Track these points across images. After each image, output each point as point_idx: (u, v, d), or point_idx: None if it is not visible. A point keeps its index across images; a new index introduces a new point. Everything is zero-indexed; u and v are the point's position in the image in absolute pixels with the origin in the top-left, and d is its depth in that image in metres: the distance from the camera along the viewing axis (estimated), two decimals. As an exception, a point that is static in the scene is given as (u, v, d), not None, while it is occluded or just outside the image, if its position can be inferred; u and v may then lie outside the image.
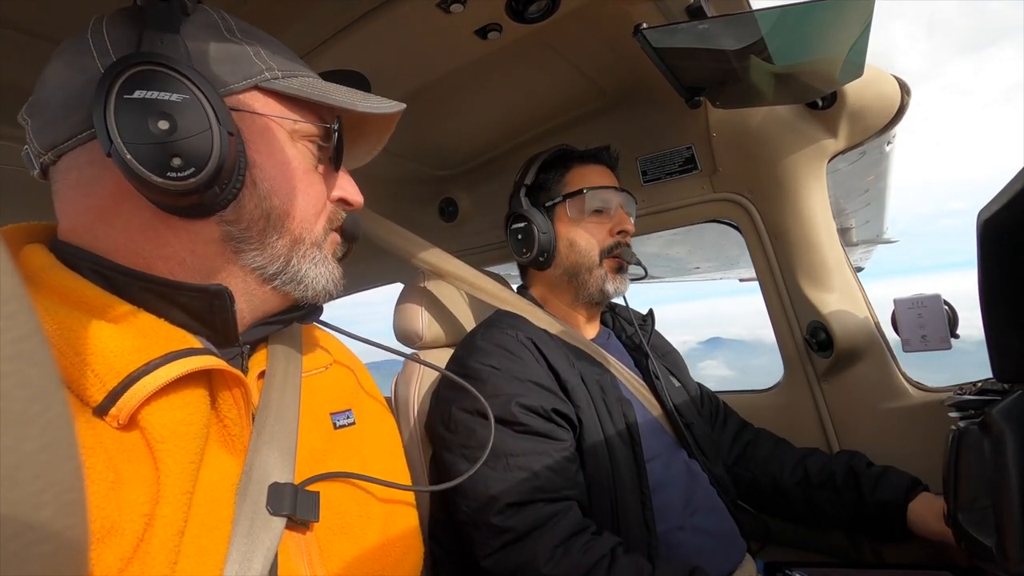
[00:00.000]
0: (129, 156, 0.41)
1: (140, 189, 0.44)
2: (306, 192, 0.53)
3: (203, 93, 0.43)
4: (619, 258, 1.05)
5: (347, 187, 0.59)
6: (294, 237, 0.52)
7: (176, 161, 0.42)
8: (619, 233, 1.05)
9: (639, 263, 1.05)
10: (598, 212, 1.06)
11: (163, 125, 0.42)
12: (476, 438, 0.83)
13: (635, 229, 1.28)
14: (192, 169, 0.43)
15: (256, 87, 0.49)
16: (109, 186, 0.47)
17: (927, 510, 0.90)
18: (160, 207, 0.46)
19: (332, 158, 0.57)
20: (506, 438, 0.81)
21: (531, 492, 0.77)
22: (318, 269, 0.55)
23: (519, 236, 1.09)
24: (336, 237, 0.60)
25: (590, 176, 1.08)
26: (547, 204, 1.09)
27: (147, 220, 0.47)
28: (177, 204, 0.46)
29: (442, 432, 0.89)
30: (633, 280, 1.11)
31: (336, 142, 0.55)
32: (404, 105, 0.57)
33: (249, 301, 0.53)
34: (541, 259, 1.07)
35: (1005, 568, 0.56)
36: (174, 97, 0.42)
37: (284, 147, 0.51)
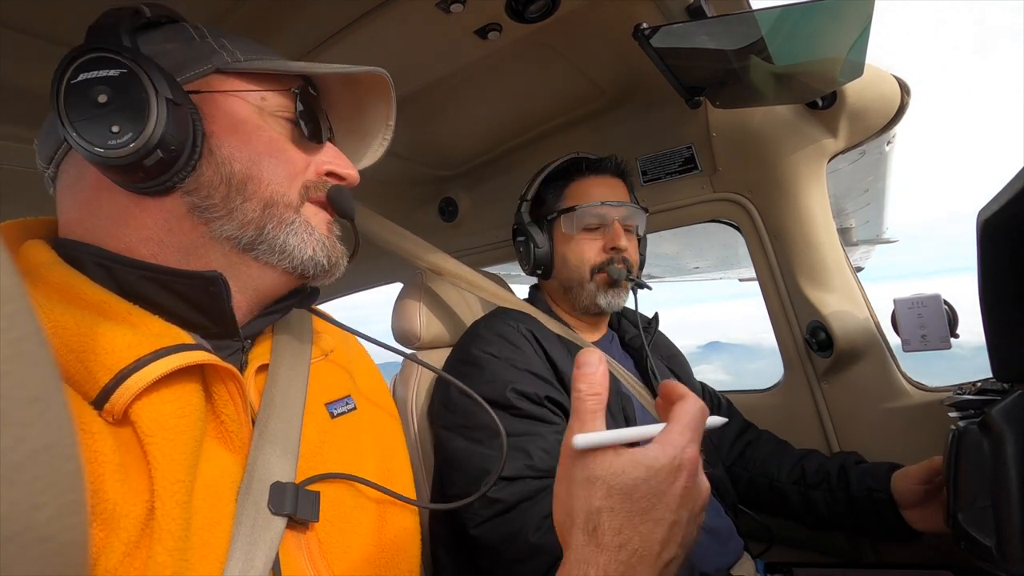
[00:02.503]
0: (75, 134, 0.44)
1: (103, 171, 0.46)
2: (274, 157, 0.53)
3: (139, 66, 0.45)
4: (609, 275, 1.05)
5: (336, 160, 0.58)
6: (264, 201, 0.51)
7: (115, 128, 0.45)
8: (612, 249, 1.04)
9: (631, 279, 1.04)
10: (592, 228, 1.06)
11: (102, 98, 0.45)
12: (474, 418, 0.86)
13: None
14: (131, 134, 0.44)
15: (216, 70, 0.52)
16: (90, 179, 0.50)
17: (906, 477, 0.92)
18: (126, 188, 0.48)
19: (309, 129, 0.55)
20: (501, 420, 0.84)
21: (522, 469, 0.79)
22: (300, 236, 0.53)
23: (520, 249, 1.14)
24: (323, 214, 0.58)
25: (590, 190, 1.07)
26: (548, 218, 1.10)
27: (123, 206, 0.49)
28: (133, 179, 0.47)
29: (442, 411, 0.93)
30: (640, 287, 1.10)
31: (305, 110, 0.55)
32: (373, 69, 0.55)
33: (241, 280, 0.53)
34: (539, 272, 1.11)
35: (1005, 568, 0.55)
36: (112, 72, 0.45)
37: (247, 119, 0.52)
